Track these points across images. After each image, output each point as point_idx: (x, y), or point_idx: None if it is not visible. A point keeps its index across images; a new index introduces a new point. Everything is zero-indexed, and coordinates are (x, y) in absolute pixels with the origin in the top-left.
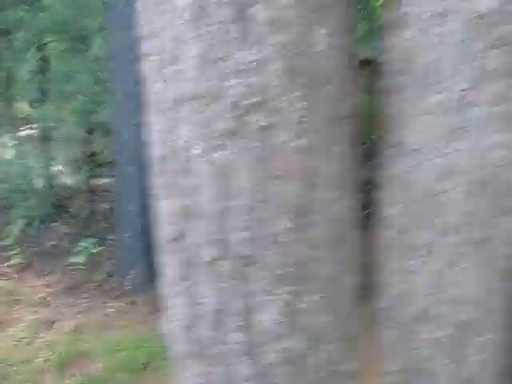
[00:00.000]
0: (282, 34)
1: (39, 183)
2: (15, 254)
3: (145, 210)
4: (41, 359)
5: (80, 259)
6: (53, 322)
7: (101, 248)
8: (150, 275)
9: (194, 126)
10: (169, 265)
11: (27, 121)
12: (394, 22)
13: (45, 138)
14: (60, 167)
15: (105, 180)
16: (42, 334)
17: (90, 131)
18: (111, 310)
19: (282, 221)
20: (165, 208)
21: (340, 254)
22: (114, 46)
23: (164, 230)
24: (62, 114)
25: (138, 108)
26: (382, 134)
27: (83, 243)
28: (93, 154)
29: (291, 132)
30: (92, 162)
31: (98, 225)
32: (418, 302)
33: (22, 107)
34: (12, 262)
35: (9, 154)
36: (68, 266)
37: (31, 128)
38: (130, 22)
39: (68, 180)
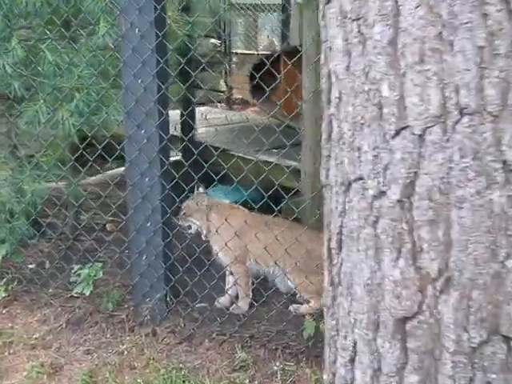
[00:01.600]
0: None
1: (13, 199)
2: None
3: (165, 228)
4: None
5: (86, 290)
6: (60, 368)
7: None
8: (172, 302)
9: (460, 156)
10: (385, 350)
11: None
12: None
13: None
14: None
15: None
16: None
17: (93, 135)
18: (127, 345)
19: None
20: (388, 272)
21: None
22: (125, 32)
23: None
24: (57, 114)
25: (158, 107)
26: None
27: (86, 270)
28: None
29: None
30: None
31: (85, 242)
32: None
33: None
34: None
35: None
36: (66, 295)
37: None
38: (146, 4)
39: (54, 191)
